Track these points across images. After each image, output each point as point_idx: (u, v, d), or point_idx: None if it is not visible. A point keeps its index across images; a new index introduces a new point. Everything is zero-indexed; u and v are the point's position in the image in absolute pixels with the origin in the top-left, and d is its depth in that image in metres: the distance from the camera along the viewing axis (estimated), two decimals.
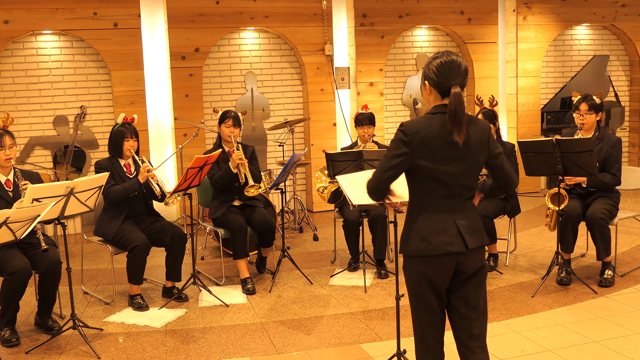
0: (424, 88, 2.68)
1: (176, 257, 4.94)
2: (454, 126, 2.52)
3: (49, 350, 4.08)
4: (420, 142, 2.55)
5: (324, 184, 5.52)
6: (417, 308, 2.71)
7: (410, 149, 2.56)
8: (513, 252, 5.99)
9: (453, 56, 2.60)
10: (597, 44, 9.64)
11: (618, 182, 5.00)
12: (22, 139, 7.44)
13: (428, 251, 2.59)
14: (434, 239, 2.59)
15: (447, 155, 2.57)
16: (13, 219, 3.58)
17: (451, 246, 2.58)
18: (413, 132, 2.56)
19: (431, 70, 2.61)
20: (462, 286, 2.66)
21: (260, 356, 3.92)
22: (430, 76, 2.62)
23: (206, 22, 7.73)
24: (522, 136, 8.99)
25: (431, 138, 2.55)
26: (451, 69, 2.58)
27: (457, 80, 2.58)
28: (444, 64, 2.58)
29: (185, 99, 7.72)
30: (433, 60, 2.62)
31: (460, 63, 2.60)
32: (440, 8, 8.64)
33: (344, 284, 5.27)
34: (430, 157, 2.56)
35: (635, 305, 4.53)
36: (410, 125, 2.58)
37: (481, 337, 2.70)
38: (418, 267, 2.63)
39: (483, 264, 2.69)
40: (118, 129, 4.91)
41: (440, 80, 2.59)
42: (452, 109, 2.51)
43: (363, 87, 8.39)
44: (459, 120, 2.51)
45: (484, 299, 2.72)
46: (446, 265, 2.60)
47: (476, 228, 2.65)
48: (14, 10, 7.10)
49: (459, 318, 2.69)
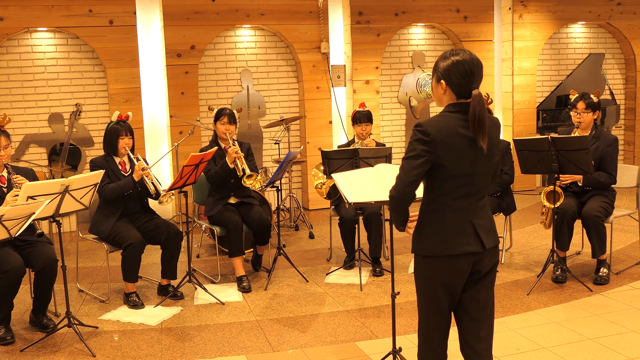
0: (438, 86, 2.57)
1: (172, 255, 4.93)
2: (478, 132, 2.44)
3: (44, 348, 4.07)
4: (442, 142, 2.46)
5: (322, 180, 5.52)
6: (426, 309, 2.66)
7: (432, 149, 2.47)
8: (509, 250, 6.00)
9: (473, 56, 2.50)
10: (593, 42, 9.65)
11: (614, 180, 5.01)
12: (17, 137, 7.41)
13: (446, 251, 2.53)
14: (452, 239, 2.53)
15: (468, 155, 2.50)
16: (8, 217, 3.57)
17: (468, 246, 2.53)
18: (434, 131, 2.46)
19: (452, 72, 2.50)
20: (475, 286, 2.62)
21: (255, 354, 3.92)
22: (450, 77, 2.51)
23: (202, 20, 7.71)
24: (517, 134, 9.00)
25: (452, 137, 2.47)
26: (473, 74, 2.49)
27: (479, 82, 2.50)
28: (466, 66, 2.48)
29: (181, 96, 7.70)
30: (453, 60, 2.51)
31: (480, 65, 2.51)
32: (436, 6, 8.63)
33: (340, 281, 5.27)
34: (452, 156, 2.48)
35: (630, 303, 4.55)
36: (429, 124, 2.48)
37: (488, 340, 2.67)
38: (434, 267, 2.57)
39: (496, 261, 2.66)
40: (113, 126, 4.90)
41: (462, 83, 2.49)
42: (476, 114, 2.43)
43: (359, 85, 8.39)
44: (483, 124, 2.43)
45: (492, 302, 2.69)
46: (464, 265, 2.55)
47: (491, 227, 2.62)
48: (9, 7, 7.07)
49: (467, 319, 2.65)
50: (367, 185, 3.59)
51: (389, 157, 5.21)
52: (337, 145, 8.15)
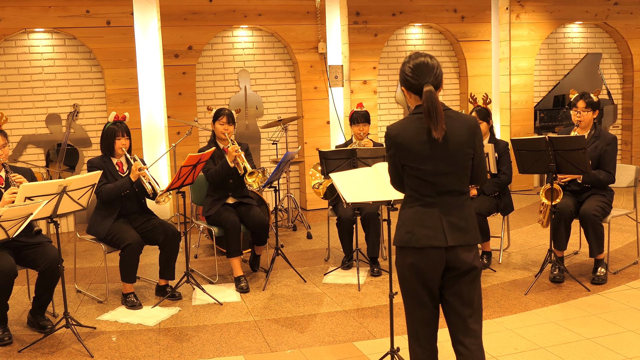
0: (404, 93, 2.76)
1: (170, 256, 4.93)
2: (430, 123, 2.59)
3: (42, 348, 4.07)
4: (400, 144, 2.67)
5: (319, 180, 5.52)
6: (407, 301, 2.77)
7: (395, 150, 2.70)
8: (506, 250, 6.00)
9: (421, 57, 2.67)
10: (590, 42, 9.67)
11: (612, 179, 5.02)
12: (15, 137, 7.40)
13: (411, 243, 2.66)
14: (418, 231, 2.66)
15: (428, 154, 2.63)
16: (5, 217, 3.56)
17: (433, 240, 2.64)
18: (393, 134, 2.69)
19: (403, 74, 2.70)
20: (456, 282, 2.69)
21: (253, 354, 3.92)
22: (403, 80, 2.71)
23: (199, 20, 7.71)
24: (515, 134, 9.01)
25: (410, 138, 2.65)
26: (420, 70, 2.64)
27: (429, 79, 2.63)
28: (413, 66, 2.66)
29: (179, 97, 7.70)
30: (404, 65, 2.71)
31: (428, 63, 2.66)
32: (434, 6, 8.64)
33: (338, 282, 5.27)
34: (411, 157, 2.66)
35: (627, 303, 4.55)
36: (391, 127, 2.71)
37: (477, 334, 2.71)
38: (405, 258, 2.70)
39: (475, 265, 2.69)
40: (109, 127, 4.90)
41: (412, 83, 2.66)
42: (426, 107, 2.59)
43: (356, 85, 8.39)
44: (434, 116, 2.58)
45: (479, 297, 2.74)
46: (434, 258, 2.64)
47: (462, 227, 2.67)
48: (6, 7, 7.06)
49: (453, 315, 2.71)
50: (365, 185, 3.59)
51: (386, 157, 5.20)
52: (334, 145, 8.15)
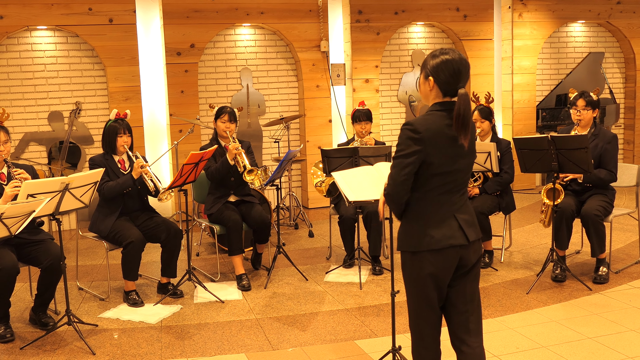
0: (426, 82, 2.61)
1: (172, 254, 4.93)
2: (461, 130, 2.49)
3: (44, 346, 4.07)
4: (430, 139, 2.52)
5: (321, 178, 5.52)
6: (417, 305, 2.69)
7: (422, 147, 2.52)
8: (508, 249, 6.00)
9: (463, 58, 2.56)
10: (592, 41, 9.65)
11: (614, 178, 5.01)
12: (17, 135, 7.41)
13: (431, 245, 2.57)
14: (436, 233, 2.58)
15: (454, 152, 2.57)
16: (8, 215, 3.57)
17: (453, 239, 2.58)
18: (423, 129, 2.51)
19: (441, 70, 2.54)
20: (461, 280, 2.67)
21: (255, 352, 3.92)
22: (439, 75, 2.55)
23: (202, 18, 7.71)
24: (517, 133, 9.00)
25: (440, 135, 2.53)
26: (461, 73, 2.54)
27: (464, 82, 2.56)
28: (457, 67, 2.53)
29: (181, 95, 7.70)
30: (443, 58, 2.55)
31: (468, 64, 2.59)
32: (436, 5, 8.63)
33: (339, 280, 5.27)
34: (439, 154, 2.54)
35: (629, 302, 4.55)
36: (419, 122, 2.54)
37: (478, 332, 2.71)
38: (422, 262, 2.60)
39: (480, 254, 2.71)
40: (111, 125, 4.90)
41: (450, 82, 2.54)
42: (461, 113, 2.48)
43: (359, 83, 8.39)
44: (467, 123, 2.49)
45: (479, 295, 2.75)
46: (451, 258, 2.60)
47: (473, 222, 2.68)
48: (9, 5, 7.07)
49: (456, 313, 2.69)
50: (367, 184, 3.60)
51: (388, 155, 5.21)
52: (336, 143, 8.16)
